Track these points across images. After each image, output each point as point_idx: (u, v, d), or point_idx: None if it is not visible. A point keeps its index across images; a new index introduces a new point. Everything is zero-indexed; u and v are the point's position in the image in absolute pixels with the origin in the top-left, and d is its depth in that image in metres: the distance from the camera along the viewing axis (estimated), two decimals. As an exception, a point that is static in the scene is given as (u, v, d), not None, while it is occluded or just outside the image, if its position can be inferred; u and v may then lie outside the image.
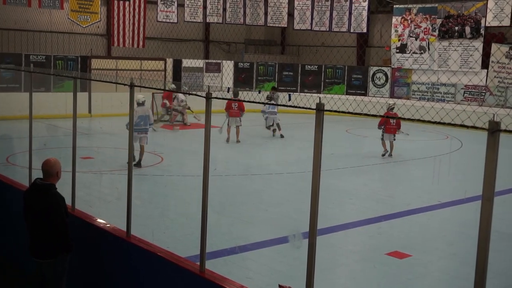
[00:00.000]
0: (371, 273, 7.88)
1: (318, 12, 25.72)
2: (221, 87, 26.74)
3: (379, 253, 8.48)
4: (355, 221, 10.13)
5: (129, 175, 6.06)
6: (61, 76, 22.50)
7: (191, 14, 25.15)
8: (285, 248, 8.42)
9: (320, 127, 4.05)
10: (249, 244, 8.47)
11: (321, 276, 4.76)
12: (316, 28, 26.15)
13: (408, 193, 12.42)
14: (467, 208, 10.73)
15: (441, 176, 13.76)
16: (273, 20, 26.33)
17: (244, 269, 7.61)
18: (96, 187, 11.90)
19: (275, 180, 13.37)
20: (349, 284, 7.56)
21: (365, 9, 25.19)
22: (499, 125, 3.14)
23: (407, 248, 8.66)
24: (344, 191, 12.26)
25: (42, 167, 5.48)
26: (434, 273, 8.03)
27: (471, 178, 13.13)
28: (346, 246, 9.01)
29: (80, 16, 23.73)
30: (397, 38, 27.00)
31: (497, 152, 3.16)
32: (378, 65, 28.76)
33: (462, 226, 9.90)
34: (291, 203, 11.05)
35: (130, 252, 5.79)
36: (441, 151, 18.14)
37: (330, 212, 10.00)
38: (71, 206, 6.58)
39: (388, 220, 10.19)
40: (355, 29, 25.54)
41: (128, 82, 5.99)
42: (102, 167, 13.67)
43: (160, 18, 24.76)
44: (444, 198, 11.76)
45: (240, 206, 10.86)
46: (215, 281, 4.85)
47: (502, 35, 25.18)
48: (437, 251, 8.92)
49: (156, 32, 24.71)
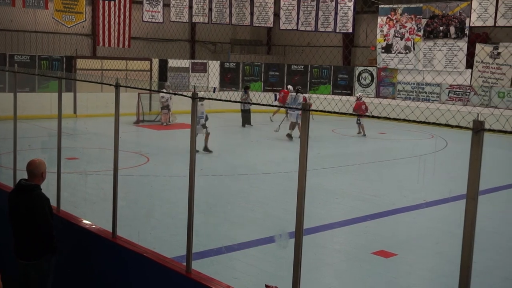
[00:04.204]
0: (357, 272, 7.91)
1: (304, 12, 25.76)
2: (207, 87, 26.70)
3: (365, 252, 8.51)
4: (341, 220, 10.16)
5: (114, 175, 6.03)
6: (46, 76, 22.35)
7: (177, 14, 25.09)
8: (272, 248, 8.43)
9: (306, 127, 4.06)
10: (236, 244, 8.47)
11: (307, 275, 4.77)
12: (302, 28, 26.20)
13: (394, 193, 12.48)
14: (452, 207, 10.80)
15: (426, 176, 13.84)
16: (259, 20, 26.34)
17: (231, 269, 7.60)
18: (82, 188, 11.83)
19: (261, 180, 13.38)
20: (335, 283, 7.59)
21: (350, 9, 25.27)
22: (483, 124, 3.17)
23: (392, 247, 8.70)
24: (330, 191, 12.29)
25: (27, 168, 5.44)
26: (419, 271, 8.08)
27: (456, 177, 13.23)
28: (332, 245, 9.04)
29: (65, 16, 23.59)
30: (382, 38, 27.12)
31: (481, 151, 3.19)
32: (364, 65, 28.88)
33: (447, 225, 9.96)
34: (277, 203, 11.06)
35: (116, 253, 5.77)
36: (426, 150, 18.25)
37: (316, 212, 10.03)
38: (56, 207, 6.54)
39: (374, 220, 10.23)
40: (340, 29, 25.61)
41: (113, 82, 5.97)
42: (88, 168, 13.60)
43: (146, 18, 24.67)
44: (430, 197, 11.83)
45: (226, 206, 10.85)
46: (201, 281, 4.84)
47: (486, 35, 25.39)
48: (423, 249, 8.98)
49: (142, 32, 24.64)
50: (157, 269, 5.21)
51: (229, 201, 11.27)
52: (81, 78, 21.98)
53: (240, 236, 8.91)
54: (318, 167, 13.75)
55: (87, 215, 7.56)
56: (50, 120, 16.83)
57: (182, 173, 7.16)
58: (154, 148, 17.42)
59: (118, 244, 5.72)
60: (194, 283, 4.86)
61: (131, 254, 5.54)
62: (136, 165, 13.93)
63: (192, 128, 4.99)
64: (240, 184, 12.96)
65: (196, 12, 25.50)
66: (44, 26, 24.67)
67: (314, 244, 8.49)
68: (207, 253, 7.89)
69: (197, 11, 25.47)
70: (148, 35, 26.73)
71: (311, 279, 7.07)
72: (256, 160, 15.79)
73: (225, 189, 12.26)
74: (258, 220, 9.94)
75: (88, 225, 6.26)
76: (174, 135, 20.00)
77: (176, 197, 10.88)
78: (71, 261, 6.22)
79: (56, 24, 24.19)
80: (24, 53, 24.38)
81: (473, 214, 3.25)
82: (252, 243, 8.64)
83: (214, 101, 5.22)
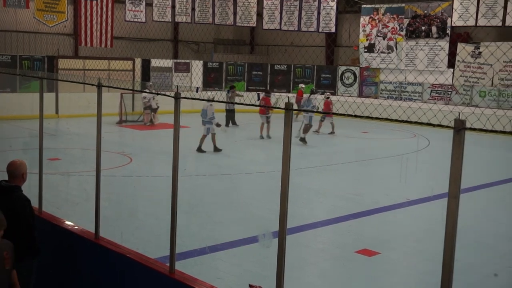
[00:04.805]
0: (340, 271, 7.94)
1: (287, 12, 25.78)
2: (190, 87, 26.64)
3: (348, 251, 8.55)
4: (324, 219, 10.19)
5: (97, 176, 6.00)
6: (27, 76, 22.17)
7: (160, 13, 24.98)
8: (255, 247, 8.43)
9: (289, 127, 4.07)
10: (219, 244, 8.46)
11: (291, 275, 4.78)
12: (285, 28, 26.21)
13: (377, 191, 12.53)
14: (434, 206, 10.87)
15: (409, 174, 13.93)
16: (242, 19, 26.31)
17: (214, 269, 7.59)
18: (64, 188, 11.75)
19: (244, 180, 13.38)
20: (318, 282, 7.60)
21: (333, 9, 25.34)
22: (464, 123, 3.19)
23: (375, 245, 8.75)
24: (313, 190, 12.32)
25: (7, 169, 5.38)
26: (402, 270, 8.13)
27: (438, 175, 13.32)
28: (316, 244, 9.06)
29: (46, 16, 23.39)
30: (365, 38, 27.24)
31: (463, 150, 3.21)
32: (347, 64, 28.99)
33: (429, 223, 10.03)
34: (260, 202, 11.07)
35: (99, 254, 5.73)
36: (408, 149, 18.36)
37: (299, 211, 10.04)
38: (38, 208, 6.49)
39: (357, 218, 10.27)
40: (323, 28, 25.66)
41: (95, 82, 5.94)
42: (70, 169, 13.51)
43: (128, 17, 24.54)
44: (412, 196, 11.90)
45: (209, 206, 10.83)
46: (185, 281, 4.83)
47: (468, 35, 25.61)
48: (405, 248, 9.03)
49: (124, 32, 24.50)
50: (141, 269, 5.19)
51: (213, 201, 11.26)
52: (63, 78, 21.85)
53: (223, 236, 8.90)
54: (302, 167, 13.78)
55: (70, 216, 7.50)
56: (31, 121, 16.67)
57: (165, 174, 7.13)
58: (137, 148, 17.35)
59: (101, 245, 5.69)
60: (177, 283, 4.85)
61: (114, 255, 5.51)
62: (119, 165, 13.86)
63: (175, 127, 4.97)
64: (224, 184, 12.95)
65: (179, 11, 25.41)
66: (25, 26, 24.42)
67: (298, 243, 8.50)
68: (190, 253, 7.87)
69: (180, 11, 25.38)
70: (131, 35, 26.59)
71: (295, 278, 7.08)
72: (239, 160, 15.79)
73: (209, 189, 12.24)
74: (241, 220, 9.93)
75: (70, 226, 6.22)
76: (157, 135, 19.93)
77: (160, 197, 10.84)
78: (54, 263, 6.17)
79: (37, 24, 23.96)
80: (5, 53, 24.14)
81: (455, 212, 3.27)
82: (235, 243, 8.64)
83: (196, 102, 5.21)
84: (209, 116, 16.10)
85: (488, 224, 10.34)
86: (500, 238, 9.55)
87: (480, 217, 10.58)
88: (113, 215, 9.47)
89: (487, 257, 8.61)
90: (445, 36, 24.78)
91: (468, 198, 11.18)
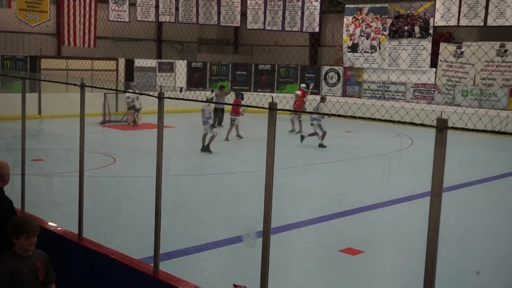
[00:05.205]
0: (325, 270, 7.97)
1: (271, 12, 25.80)
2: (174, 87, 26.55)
3: (332, 250, 8.58)
4: (308, 219, 10.22)
5: (80, 177, 5.97)
6: (9, 76, 21.96)
7: (143, 13, 24.88)
8: (240, 247, 8.43)
9: (273, 126, 4.08)
10: (204, 244, 8.45)
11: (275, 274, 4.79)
12: (269, 28, 26.23)
13: (360, 190, 12.59)
14: (417, 204, 10.94)
15: (392, 173, 14.00)
16: (225, 19, 26.29)
17: (199, 269, 7.59)
18: (47, 189, 11.67)
19: (229, 180, 13.38)
20: (303, 281, 7.62)
21: (316, 9, 25.39)
22: (446, 122, 3.22)
23: (359, 244, 8.79)
24: (298, 190, 12.34)
25: (-12, 170, 5.33)
26: (386, 268, 8.18)
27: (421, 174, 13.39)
28: (300, 244, 9.09)
29: (29, 15, 23.19)
30: (348, 38, 27.35)
31: (445, 149, 3.24)
32: (330, 64, 29.08)
33: (412, 222, 10.09)
34: (245, 202, 11.07)
35: (83, 255, 5.71)
36: (392, 148, 18.46)
37: (283, 211, 10.06)
38: (20, 209, 6.44)
39: (340, 218, 10.32)
40: (307, 28, 25.71)
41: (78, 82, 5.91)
42: (53, 169, 13.42)
43: (112, 17, 24.40)
44: (395, 194, 11.97)
45: (194, 206, 10.82)
46: (169, 282, 4.82)
47: (450, 35, 25.81)
48: (389, 246, 9.08)
49: (108, 32, 24.35)
50: (124, 270, 5.18)
51: (197, 201, 11.24)
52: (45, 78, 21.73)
53: (208, 236, 8.89)
54: (286, 166, 13.80)
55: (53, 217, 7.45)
56: (14, 121, 16.54)
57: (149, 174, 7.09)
58: (120, 148, 17.27)
59: (85, 246, 5.66)
60: (162, 284, 4.84)
61: (98, 256, 5.48)
62: (102, 166, 13.79)
63: (159, 128, 4.96)
64: (208, 184, 12.94)
65: (163, 11, 25.31)
66: (7, 25, 24.20)
67: (282, 243, 8.52)
68: (175, 253, 7.86)
69: (164, 11, 25.29)
70: (114, 35, 26.44)
71: (279, 278, 7.09)
72: (223, 160, 15.78)
73: (193, 189, 12.22)
74: (225, 220, 9.93)
75: (53, 227, 6.18)
76: (140, 136, 19.85)
77: (143, 197, 10.79)
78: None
79: (19, 23, 23.75)
80: (-13, 53, 23.92)
81: (438, 210, 3.31)
82: (220, 243, 8.64)
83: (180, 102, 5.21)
84: (206, 116, 16.13)
85: (470, 222, 10.43)
86: (482, 236, 9.64)
87: (463, 215, 10.67)
88: (97, 215, 9.42)
89: (470, 255, 8.69)
90: (428, 36, 24.96)
91: (451, 197, 11.27)
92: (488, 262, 8.37)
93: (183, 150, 17.02)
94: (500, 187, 13.73)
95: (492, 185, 13.77)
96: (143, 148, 16.93)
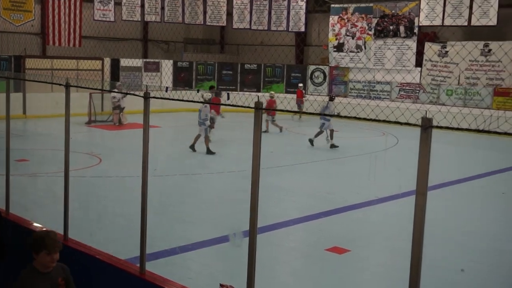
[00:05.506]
0: (311, 269, 7.99)
1: (256, 11, 25.79)
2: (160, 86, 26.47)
3: (319, 249, 8.60)
4: (295, 218, 10.24)
5: (66, 177, 5.93)
6: (-7, 76, 21.77)
7: (129, 12, 24.78)
8: (226, 247, 8.43)
9: (259, 126, 4.08)
10: (190, 244, 8.44)
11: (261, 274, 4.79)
12: (255, 27, 26.22)
13: (347, 189, 12.64)
14: (403, 203, 10.99)
15: (378, 172, 14.06)
16: (211, 19, 26.24)
17: (185, 269, 7.57)
18: (32, 190, 11.59)
19: (215, 179, 13.36)
20: (289, 281, 7.64)
21: (302, 9, 25.42)
22: (431, 121, 3.24)
23: (346, 243, 8.81)
24: (284, 189, 12.35)
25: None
26: (372, 267, 8.21)
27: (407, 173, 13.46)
28: (287, 243, 9.10)
29: (13, 15, 23.02)
30: (334, 37, 27.43)
31: (430, 148, 3.26)
32: (316, 63, 29.14)
33: (398, 220, 10.13)
34: (231, 202, 11.06)
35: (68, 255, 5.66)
36: (377, 147, 18.53)
37: (270, 210, 10.06)
38: (5, 210, 6.39)
39: (327, 217, 10.34)
40: (292, 28, 25.74)
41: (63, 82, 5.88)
42: (38, 170, 13.32)
43: (97, 16, 24.27)
44: (381, 193, 12.02)
45: (180, 206, 10.80)
46: (156, 282, 4.81)
47: (434, 34, 25.98)
48: (375, 245, 9.13)
49: (93, 31, 24.22)
50: (110, 271, 5.15)
51: (183, 201, 11.22)
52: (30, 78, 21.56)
53: (194, 236, 8.88)
54: (272, 166, 13.81)
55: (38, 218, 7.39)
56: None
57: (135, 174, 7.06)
58: (106, 148, 17.20)
59: (70, 247, 5.63)
60: (148, 284, 4.83)
61: (84, 256, 5.46)
62: (88, 166, 13.72)
63: (144, 127, 4.95)
64: (194, 183, 12.91)
65: (148, 10, 25.23)
66: (-9, 25, 24.02)
67: (269, 242, 8.52)
68: (161, 253, 7.84)
69: (149, 10, 25.21)
70: (100, 34, 26.31)
71: (266, 277, 7.10)
72: (210, 159, 15.76)
73: (179, 189, 12.19)
74: (212, 220, 9.92)
75: (39, 228, 6.13)
76: (126, 135, 19.77)
77: (129, 198, 10.75)
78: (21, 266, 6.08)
79: (3, 23, 23.55)
80: (-30, 52, 23.71)
81: (423, 208, 3.33)
82: (206, 243, 8.63)
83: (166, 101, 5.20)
84: (202, 117, 16.01)
85: (455, 221, 10.50)
86: (467, 234, 9.71)
87: (448, 214, 10.74)
88: (82, 216, 9.38)
89: (455, 253, 8.75)
90: (413, 35, 25.11)
91: (436, 195, 11.34)
92: (474, 260, 8.43)
93: (169, 150, 16.98)
94: (484, 185, 13.85)
95: (477, 184, 13.88)
96: (129, 148, 16.86)
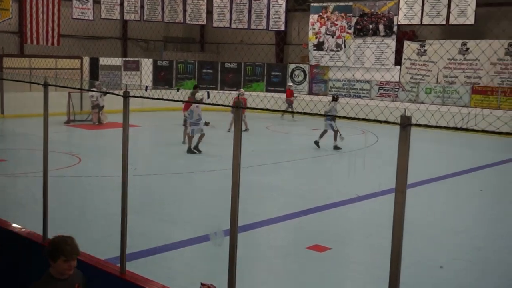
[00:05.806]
0: (292, 267, 8.01)
1: (236, 10, 25.77)
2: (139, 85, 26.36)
3: (300, 247, 8.63)
4: (276, 216, 10.26)
5: (44, 177, 5.88)
6: (-30, 75, 21.51)
7: (108, 11, 24.60)
8: (207, 246, 8.42)
9: (239, 126, 4.09)
10: (170, 244, 8.42)
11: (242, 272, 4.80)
12: (235, 26, 26.21)
13: (327, 188, 12.69)
14: (382, 200, 11.07)
15: (358, 170, 14.15)
16: (191, 17, 26.16)
17: (166, 269, 7.55)
18: (10, 190, 11.47)
19: (196, 179, 13.34)
20: (270, 279, 7.66)
21: (282, 7, 25.45)
22: (410, 119, 3.27)
23: (326, 241, 8.85)
24: (265, 187, 12.37)
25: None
26: (353, 264, 8.26)
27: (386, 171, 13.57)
28: (268, 241, 9.12)
29: (-10, 13, 22.74)
30: (314, 36, 27.52)
31: (409, 146, 3.29)
32: (296, 62, 29.21)
33: (378, 217, 10.20)
34: (212, 201, 11.06)
35: (47, 256, 5.62)
36: (357, 145, 18.63)
37: (251, 209, 10.07)
38: (-17, 211, 6.33)
39: (307, 215, 10.38)
40: (272, 26, 25.76)
41: (42, 81, 5.83)
42: (16, 170, 13.19)
43: (75, 15, 24.06)
44: (361, 191, 12.09)
45: (160, 205, 10.76)
46: (136, 282, 4.80)
47: (413, 33, 26.19)
48: (356, 243, 9.18)
49: (72, 30, 24.02)
50: (90, 271, 5.12)
51: (163, 200, 11.19)
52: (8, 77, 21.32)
53: (174, 236, 8.86)
54: (253, 164, 13.82)
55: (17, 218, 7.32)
56: (-25, 121, 16.21)
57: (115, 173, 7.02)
58: (85, 148, 17.07)
59: (49, 247, 5.58)
60: (129, 284, 4.81)
61: (63, 257, 5.40)
62: (67, 166, 13.61)
63: (124, 127, 4.92)
64: (174, 183, 12.88)
65: (127, 9, 25.08)
66: (-33, 24, 23.69)
67: (250, 241, 8.53)
68: (141, 253, 7.81)
69: (129, 8, 25.06)
70: (78, 33, 26.13)
71: (247, 275, 7.11)
72: (190, 158, 15.72)
73: (159, 189, 12.15)
74: (192, 219, 9.91)
75: (17, 229, 6.08)
76: (106, 135, 19.66)
77: (109, 197, 10.70)
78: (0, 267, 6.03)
79: (-20, 22, 23.27)
80: None
81: (402, 206, 3.35)
82: (187, 242, 8.61)
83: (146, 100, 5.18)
84: (195, 117, 15.86)
85: (434, 218, 10.60)
86: (446, 231, 9.81)
87: (426, 211, 10.84)
88: (62, 216, 9.29)
89: (434, 249, 8.83)
90: (392, 34, 25.29)
91: (415, 193, 11.44)
92: (452, 256, 8.52)
93: (149, 149, 16.91)
94: (462, 183, 13.99)
95: (455, 181, 14.02)
96: (108, 147, 16.77)
